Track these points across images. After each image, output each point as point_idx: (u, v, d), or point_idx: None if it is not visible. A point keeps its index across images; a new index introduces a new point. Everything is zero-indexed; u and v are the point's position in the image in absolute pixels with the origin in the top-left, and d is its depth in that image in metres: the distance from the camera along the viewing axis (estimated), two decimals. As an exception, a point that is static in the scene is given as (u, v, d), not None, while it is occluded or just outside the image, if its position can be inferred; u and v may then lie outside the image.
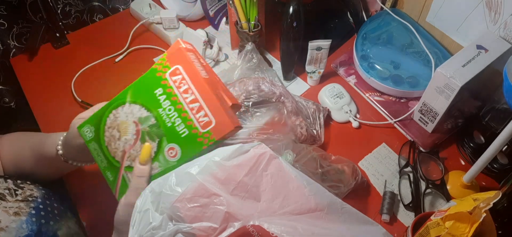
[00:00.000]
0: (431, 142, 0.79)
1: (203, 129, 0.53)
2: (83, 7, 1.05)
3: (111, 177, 0.56)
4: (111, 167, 0.55)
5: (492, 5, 0.75)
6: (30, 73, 0.94)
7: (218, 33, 1.05)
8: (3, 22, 0.93)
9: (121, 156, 0.55)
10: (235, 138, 0.73)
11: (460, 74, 0.68)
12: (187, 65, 0.53)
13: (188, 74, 0.53)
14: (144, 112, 0.54)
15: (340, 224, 0.58)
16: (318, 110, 0.80)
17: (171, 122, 0.53)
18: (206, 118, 0.52)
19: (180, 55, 0.53)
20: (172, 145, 0.54)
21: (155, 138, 0.54)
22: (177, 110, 0.53)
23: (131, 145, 0.54)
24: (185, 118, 0.53)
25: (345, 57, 0.96)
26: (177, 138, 0.53)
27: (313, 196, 0.58)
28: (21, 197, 0.58)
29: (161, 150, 0.54)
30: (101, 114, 0.55)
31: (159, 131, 0.54)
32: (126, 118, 0.55)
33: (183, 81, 0.53)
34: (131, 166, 0.54)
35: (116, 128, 0.55)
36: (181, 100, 0.53)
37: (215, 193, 0.55)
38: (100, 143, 0.55)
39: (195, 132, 0.53)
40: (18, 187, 0.60)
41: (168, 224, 0.57)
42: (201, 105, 0.52)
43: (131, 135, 0.55)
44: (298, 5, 0.81)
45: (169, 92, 0.53)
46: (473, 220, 0.48)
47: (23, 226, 0.55)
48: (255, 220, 0.52)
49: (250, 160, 0.59)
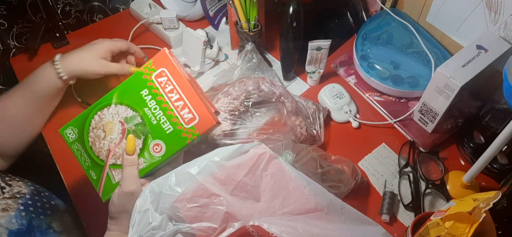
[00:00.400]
0: (431, 142, 0.79)
1: (187, 125, 0.56)
2: (83, 7, 1.05)
3: (95, 176, 0.58)
4: (95, 166, 0.58)
5: (492, 5, 0.75)
6: (30, 73, 0.94)
7: (218, 33, 1.05)
8: (3, 22, 0.93)
9: (106, 155, 0.57)
10: (235, 138, 0.73)
11: (460, 74, 0.68)
12: (172, 69, 0.57)
13: (173, 76, 0.57)
14: (130, 112, 0.57)
15: (340, 224, 0.58)
16: (318, 110, 0.80)
17: (156, 120, 0.57)
18: (190, 114, 0.56)
19: (165, 60, 0.57)
20: (157, 141, 0.57)
21: (140, 135, 0.57)
22: (163, 108, 0.57)
23: (116, 143, 0.57)
24: (170, 115, 0.56)
25: (345, 57, 0.96)
26: (162, 135, 0.57)
27: (313, 196, 0.58)
28: (8, 194, 0.58)
29: (146, 147, 0.57)
30: (85, 116, 0.58)
31: (144, 129, 0.57)
32: (112, 118, 0.57)
33: (168, 82, 0.57)
34: (117, 164, 0.57)
35: (101, 128, 0.57)
36: (167, 99, 0.57)
37: (215, 193, 0.55)
38: (84, 143, 0.58)
39: (179, 128, 0.56)
40: (6, 184, 0.60)
41: (168, 224, 0.57)
42: (185, 103, 0.56)
43: (116, 134, 0.57)
44: (298, 5, 0.81)
45: (154, 92, 0.57)
46: (473, 220, 0.48)
47: (12, 221, 0.56)
48: (255, 220, 0.52)
49: (250, 160, 0.59)
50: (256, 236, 0.55)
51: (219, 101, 0.75)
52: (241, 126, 0.74)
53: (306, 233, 0.53)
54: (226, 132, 0.72)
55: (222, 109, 0.74)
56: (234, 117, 0.74)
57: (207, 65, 0.94)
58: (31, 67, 0.94)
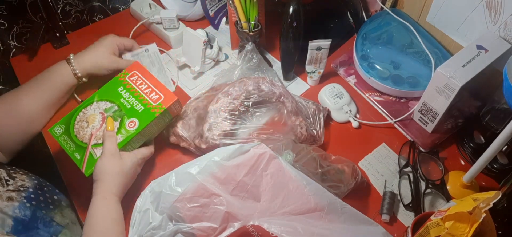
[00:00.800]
0: (431, 142, 0.79)
1: (155, 103, 0.72)
2: (83, 7, 1.05)
3: (79, 157, 0.67)
4: (78, 148, 0.68)
5: (492, 5, 0.75)
6: (30, 73, 0.94)
7: (218, 33, 1.05)
8: (3, 22, 0.93)
9: (89, 138, 0.68)
10: (235, 138, 0.73)
11: (460, 74, 0.68)
12: (141, 70, 0.76)
13: (142, 74, 0.76)
14: (108, 104, 0.72)
15: (339, 224, 0.58)
16: (318, 110, 0.80)
17: (130, 104, 0.72)
18: (156, 95, 0.73)
19: (137, 66, 0.77)
20: (132, 118, 0.70)
21: (117, 118, 0.71)
22: (135, 96, 0.73)
23: (97, 128, 0.69)
24: (141, 100, 0.72)
25: (345, 57, 0.96)
26: (135, 113, 0.71)
27: (313, 196, 0.58)
28: (12, 187, 0.60)
29: (123, 125, 0.70)
30: (71, 115, 0.71)
31: (121, 113, 0.71)
32: (93, 112, 0.71)
33: (139, 79, 0.75)
34: (98, 143, 0.68)
35: (85, 120, 0.70)
36: (138, 89, 0.74)
37: (215, 193, 0.55)
38: (70, 134, 0.69)
39: (149, 107, 0.71)
40: (10, 177, 0.61)
41: (168, 224, 0.57)
42: (152, 89, 0.73)
43: (97, 122, 0.70)
44: (298, 5, 0.81)
45: (128, 87, 0.74)
46: (473, 220, 0.48)
47: (16, 211, 0.57)
48: (255, 220, 0.52)
49: (250, 160, 0.59)
50: (256, 236, 0.55)
51: (219, 101, 0.75)
52: (241, 126, 0.74)
53: (306, 233, 0.53)
54: (226, 132, 0.72)
55: (222, 109, 0.74)
56: (234, 117, 0.74)
57: (207, 65, 0.94)
58: (31, 67, 0.95)
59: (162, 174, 0.65)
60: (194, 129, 0.75)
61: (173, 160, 0.77)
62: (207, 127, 0.73)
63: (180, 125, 0.75)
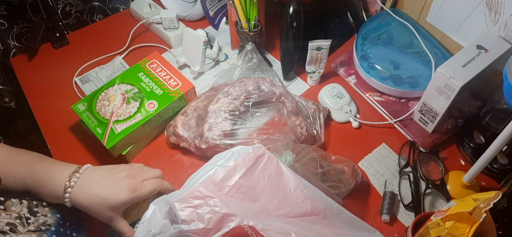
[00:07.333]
0: (431, 142, 0.78)
1: (173, 88, 0.80)
2: (83, 7, 1.05)
3: (101, 131, 0.72)
4: (100, 124, 0.73)
5: (492, 5, 0.75)
6: (30, 73, 0.94)
7: (218, 33, 1.05)
8: (3, 22, 0.93)
9: (110, 115, 0.74)
10: (235, 138, 0.73)
11: (460, 74, 0.68)
12: (161, 60, 0.85)
13: (162, 63, 0.84)
14: (129, 86, 0.80)
15: (335, 229, 0.57)
16: (318, 110, 0.80)
17: (150, 88, 0.79)
18: (175, 82, 0.81)
19: (156, 56, 0.86)
20: (151, 100, 0.77)
21: (137, 99, 0.78)
22: (155, 81, 0.81)
23: (118, 107, 0.76)
24: (160, 85, 0.80)
25: (345, 57, 0.96)
26: (155, 96, 0.78)
27: (309, 200, 0.57)
28: (33, 226, 0.54)
29: (143, 105, 0.77)
30: (93, 95, 0.78)
31: (141, 95, 0.78)
32: (115, 93, 0.78)
33: (159, 67, 0.84)
34: (119, 120, 0.74)
35: (106, 99, 0.77)
36: (157, 76, 0.82)
37: (210, 195, 0.54)
38: (92, 110, 0.75)
39: (168, 91, 0.79)
40: (31, 213, 0.55)
41: (168, 227, 0.57)
42: (171, 76, 0.82)
43: (118, 101, 0.77)
44: (298, 5, 0.81)
45: (148, 73, 0.82)
46: (473, 220, 0.48)
47: None
48: (250, 221, 0.52)
49: (248, 161, 0.59)
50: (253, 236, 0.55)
51: (219, 101, 0.75)
52: (241, 126, 0.74)
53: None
54: (226, 132, 0.72)
55: (222, 109, 0.74)
56: (234, 117, 0.74)
57: (207, 65, 0.94)
58: (31, 67, 0.95)
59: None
60: (194, 129, 0.75)
61: (173, 160, 0.77)
62: (207, 127, 0.73)
63: (180, 125, 0.75)
